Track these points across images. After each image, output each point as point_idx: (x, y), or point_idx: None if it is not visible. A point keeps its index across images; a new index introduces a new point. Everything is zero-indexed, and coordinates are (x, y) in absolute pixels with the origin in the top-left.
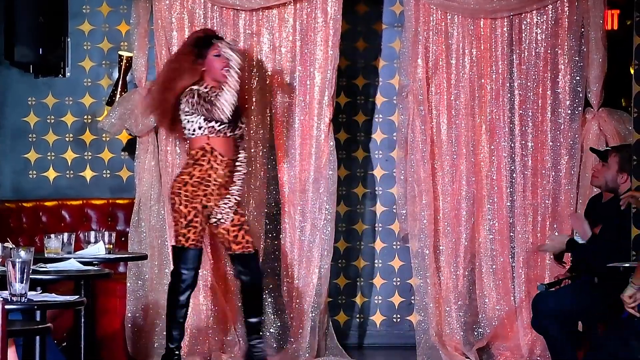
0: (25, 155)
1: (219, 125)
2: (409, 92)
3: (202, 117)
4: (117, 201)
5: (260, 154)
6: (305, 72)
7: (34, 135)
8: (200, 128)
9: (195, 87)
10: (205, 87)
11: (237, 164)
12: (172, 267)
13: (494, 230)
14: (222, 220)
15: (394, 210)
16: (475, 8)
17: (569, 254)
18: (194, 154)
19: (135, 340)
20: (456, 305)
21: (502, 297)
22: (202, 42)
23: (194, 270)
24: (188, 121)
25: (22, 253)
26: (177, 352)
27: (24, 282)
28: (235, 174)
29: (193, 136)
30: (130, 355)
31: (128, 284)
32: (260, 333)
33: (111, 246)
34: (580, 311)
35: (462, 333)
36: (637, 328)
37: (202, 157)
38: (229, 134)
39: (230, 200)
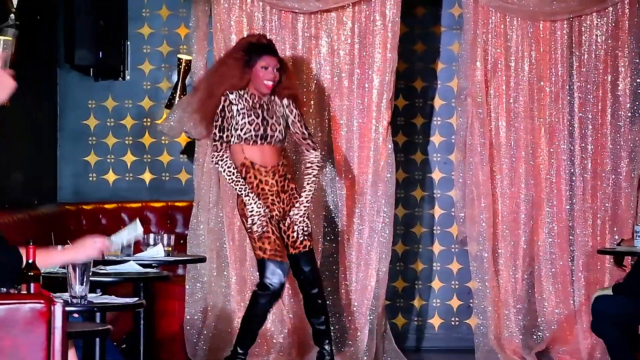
0: (85, 158)
1: (245, 134)
2: (468, 95)
3: (232, 126)
4: (176, 204)
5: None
6: (363, 75)
7: (94, 138)
8: (231, 136)
9: (227, 95)
10: (246, 93)
11: (308, 164)
12: (235, 272)
13: (553, 234)
14: (297, 235)
15: (453, 213)
16: (534, 10)
17: (629, 257)
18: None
19: (194, 343)
20: (515, 308)
21: (562, 300)
22: (254, 50)
23: (278, 284)
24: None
25: None
26: (242, 357)
27: (84, 284)
28: (305, 177)
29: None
30: (189, 357)
31: (187, 287)
32: (329, 335)
33: (170, 248)
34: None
35: (521, 337)
36: None
37: (247, 173)
38: (259, 142)
39: (300, 209)
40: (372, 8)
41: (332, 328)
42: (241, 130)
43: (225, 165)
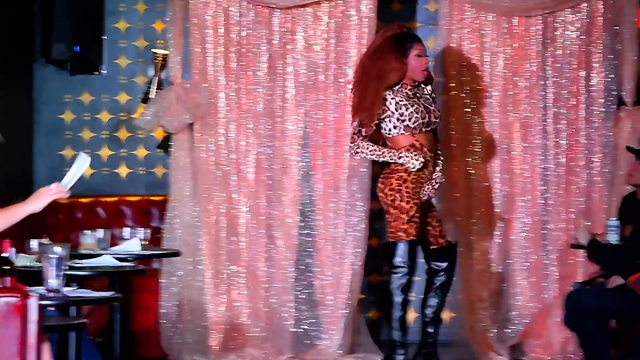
0: (61, 152)
1: (413, 123)
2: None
3: (395, 118)
4: (152, 198)
5: (294, 151)
6: (339, 70)
7: (70, 132)
8: (395, 127)
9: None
10: (403, 87)
11: (438, 152)
12: (210, 266)
13: (527, 228)
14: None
15: None
16: (509, 6)
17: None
18: (405, 152)
19: (169, 337)
20: (489, 302)
21: (535, 294)
22: (403, 40)
23: (413, 264)
24: (382, 120)
25: (58, 249)
26: (401, 352)
27: (60, 278)
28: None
29: (390, 135)
30: (165, 351)
31: (162, 280)
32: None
33: (146, 242)
34: (613, 309)
35: (494, 330)
36: None
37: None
38: (424, 130)
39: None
40: (347, 3)
41: (307, 321)
42: (409, 120)
43: (364, 148)
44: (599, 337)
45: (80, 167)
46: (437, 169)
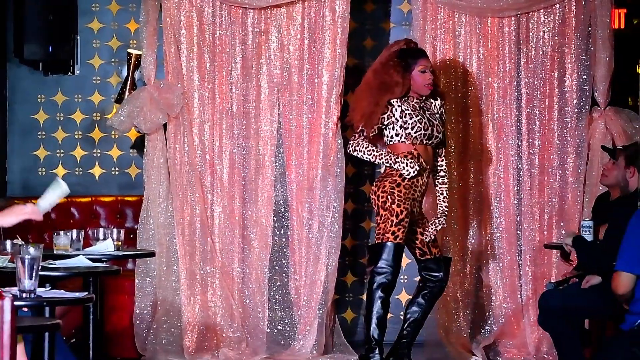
0: (34, 153)
1: (415, 132)
2: None
3: (399, 125)
4: (126, 198)
5: (268, 151)
6: (313, 70)
7: (43, 133)
8: (397, 135)
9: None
10: (410, 99)
11: (441, 174)
12: (184, 266)
13: (500, 228)
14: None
15: None
16: (482, 7)
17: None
18: (403, 157)
19: (143, 337)
20: (463, 302)
21: (509, 294)
22: (408, 54)
23: (397, 267)
24: (385, 127)
25: (32, 250)
26: (376, 352)
27: (33, 278)
28: (440, 186)
29: (390, 143)
30: (139, 352)
31: (136, 281)
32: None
33: (120, 243)
34: (588, 309)
35: (469, 330)
36: None
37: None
38: (425, 142)
39: (438, 225)
40: (321, 3)
41: (281, 322)
42: (412, 129)
43: (364, 147)
44: (573, 337)
45: (56, 191)
46: (440, 210)
